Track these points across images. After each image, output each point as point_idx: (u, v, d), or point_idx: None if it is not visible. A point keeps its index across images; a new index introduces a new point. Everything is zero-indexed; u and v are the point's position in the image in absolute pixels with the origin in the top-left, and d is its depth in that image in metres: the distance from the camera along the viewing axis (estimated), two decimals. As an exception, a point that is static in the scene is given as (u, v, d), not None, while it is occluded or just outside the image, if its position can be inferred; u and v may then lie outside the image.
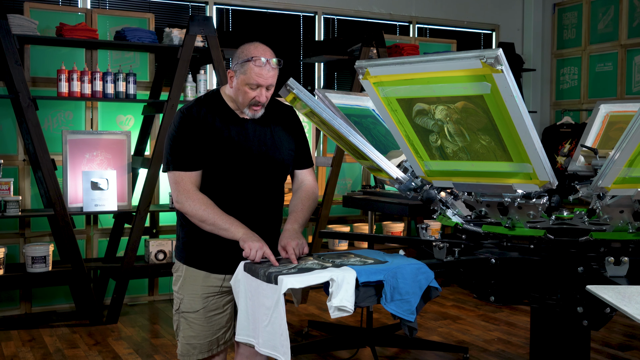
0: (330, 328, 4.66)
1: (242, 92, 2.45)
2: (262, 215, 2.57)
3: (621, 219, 2.36)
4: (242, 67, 2.43)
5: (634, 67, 6.58)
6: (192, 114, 2.48)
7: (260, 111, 2.51)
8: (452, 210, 2.67)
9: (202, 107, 2.51)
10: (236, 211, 2.49)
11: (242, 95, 2.46)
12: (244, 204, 2.52)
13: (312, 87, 6.38)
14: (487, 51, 1.97)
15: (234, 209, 2.49)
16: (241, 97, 2.47)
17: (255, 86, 2.43)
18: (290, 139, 2.63)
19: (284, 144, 2.60)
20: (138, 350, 4.30)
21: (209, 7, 5.89)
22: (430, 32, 6.94)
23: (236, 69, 2.45)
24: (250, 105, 2.47)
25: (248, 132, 2.52)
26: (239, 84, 2.45)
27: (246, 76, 2.42)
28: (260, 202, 2.56)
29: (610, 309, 2.21)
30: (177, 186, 2.47)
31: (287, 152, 2.61)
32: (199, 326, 2.54)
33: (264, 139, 2.55)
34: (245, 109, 2.49)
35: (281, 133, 2.60)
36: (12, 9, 4.96)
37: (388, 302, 2.19)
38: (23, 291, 5.13)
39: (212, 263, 2.53)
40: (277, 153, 2.57)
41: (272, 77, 2.45)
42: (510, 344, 4.46)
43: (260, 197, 2.56)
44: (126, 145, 5.14)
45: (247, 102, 2.46)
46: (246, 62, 2.42)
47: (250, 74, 2.41)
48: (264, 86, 2.44)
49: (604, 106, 3.34)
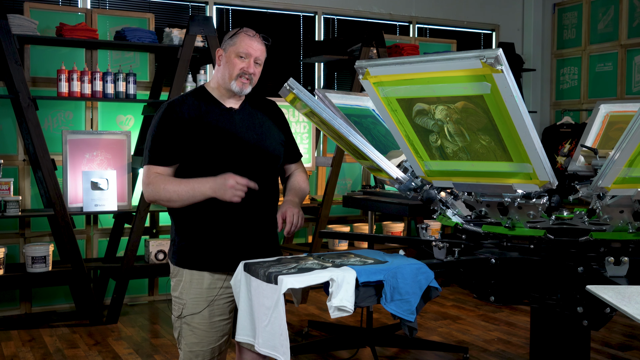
0: (330, 328, 4.66)
1: (231, 64, 2.49)
2: (257, 209, 2.54)
3: (621, 219, 2.35)
4: (231, 40, 2.51)
5: (634, 67, 6.58)
6: (175, 107, 2.49)
7: (247, 86, 2.52)
8: (452, 210, 2.67)
9: (187, 97, 2.54)
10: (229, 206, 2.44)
11: (230, 67, 2.49)
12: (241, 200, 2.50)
13: (312, 87, 6.38)
14: (487, 51, 1.97)
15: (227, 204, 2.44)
16: (229, 70, 2.49)
17: (245, 55, 2.48)
18: (278, 130, 2.64)
19: (272, 134, 2.61)
20: (138, 350, 4.30)
21: (209, 7, 5.89)
22: (430, 32, 6.94)
23: (225, 45, 2.52)
24: (239, 76, 2.49)
25: (235, 121, 2.53)
26: (227, 56, 2.50)
27: (236, 46, 2.48)
28: (254, 196, 2.50)
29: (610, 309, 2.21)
30: (143, 179, 2.49)
31: (277, 142, 2.61)
32: (203, 332, 2.50)
33: (252, 128, 2.55)
34: (233, 83, 2.49)
35: (268, 123, 2.62)
36: (12, 9, 4.96)
37: (388, 302, 2.19)
38: (23, 291, 5.13)
39: (213, 262, 2.51)
40: (267, 141, 2.57)
41: (261, 51, 2.52)
42: (510, 344, 4.46)
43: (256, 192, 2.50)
44: (126, 145, 5.14)
45: (236, 73, 2.48)
46: (235, 35, 2.50)
47: (240, 43, 2.48)
48: (252, 56, 2.48)
49: (604, 106, 3.34)
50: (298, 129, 5.69)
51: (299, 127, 5.69)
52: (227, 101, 2.56)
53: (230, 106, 2.55)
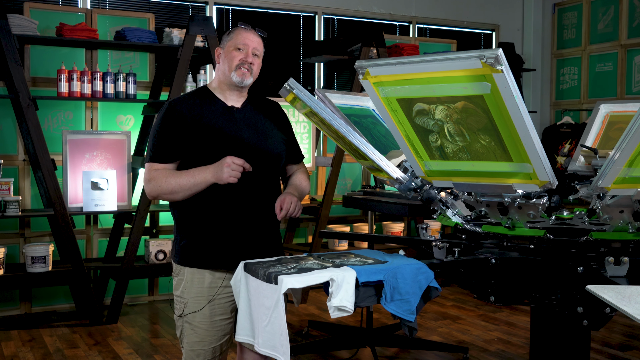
0: (330, 328, 4.66)
1: (229, 57, 2.54)
2: (258, 208, 2.55)
3: (621, 219, 2.35)
4: (228, 36, 2.58)
5: (634, 67, 6.58)
6: (176, 106, 2.52)
7: (248, 77, 2.55)
8: (452, 210, 2.67)
9: (189, 96, 2.58)
10: (231, 205, 2.48)
11: (229, 60, 2.54)
12: (238, 197, 2.50)
13: (312, 87, 6.38)
14: (487, 51, 1.97)
15: (229, 202, 2.48)
16: (228, 63, 2.54)
17: (242, 46, 2.53)
18: (280, 131, 2.66)
19: (274, 133, 2.62)
20: (138, 350, 4.30)
21: (209, 7, 5.89)
22: (430, 32, 6.94)
23: (223, 43, 2.59)
24: (238, 67, 2.53)
25: (235, 119, 2.54)
26: (226, 51, 2.56)
27: (233, 40, 2.55)
28: (255, 195, 2.54)
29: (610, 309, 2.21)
30: (145, 176, 2.51)
31: (278, 141, 2.62)
32: (204, 331, 2.52)
33: (253, 126, 2.57)
34: (233, 74, 2.53)
35: (270, 123, 2.63)
36: (12, 9, 4.96)
37: (388, 302, 2.19)
38: (23, 291, 5.13)
39: (214, 260, 2.52)
40: (267, 141, 2.58)
41: (258, 42, 2.58)
42: (510, 344, 4.46)
43: (255, 189, 2.54)
44: (126, 145, 5.14)
45: (235, 64, 2.53)
46: (232, 31, 2.58)
47: (236, 37, 2.55)
48: (250, 47, 2.54)
49: (604, 106, 3.34)
50: (298, 129, 5.69)
51: (299, 127, 5.69)
52: (229, 99, 2.58)
53: (232, 104, 2.56)
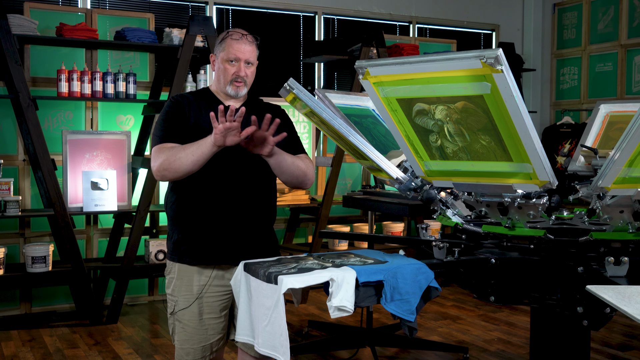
0: (330, 328, 4.66)
1: (222, 70, 2.54)
2: (251, 206, 2.56)
3: (621, 219, 2.35)
4: (220, 46, 2.55)
5: (634, 67, 6.58)
6: (179, 100, 2.56)
7: (243, 89, 2.56)
8: (452, 210, 2.67)
9: (189, 95, 2.61)
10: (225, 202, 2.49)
11: (223, 74, 2.54)
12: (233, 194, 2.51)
13: (312, 87, 6.38)
14: (487, 51, 1.97)
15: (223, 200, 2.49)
16: (222, 76, 2.55)
17: (234, 59, 2.52)
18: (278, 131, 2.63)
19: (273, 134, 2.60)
20: (138, 350, 4.30)
21: (209, 7, 5.89)
22: (430, 32, 6.94)
23: (216, 51, 2.57)
24: (232, 81, 2.54)
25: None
26: (219, 63, 2.56)
27: (224, 52, 2.53)
28: (250, 193, 2.55)
29: (610, 309, 2.21)
30: (152, 158, 2.49)
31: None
32: (192, 329, 2.53)
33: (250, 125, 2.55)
34: (228, 87, 2.54)
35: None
36: (12, 9, 4.96)
37: (388, 302, 2.19)
38: (23, 291, 5.12)
39: (203, 256, 2.53)
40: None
41: (250, 52, 2.54)
42: (510, 344, 4.46)
43: (249, 187, 2.55)
44: (126, 145, 5.14)
45: (229, 79, 2.53)
46: (223, 40, 2.55)
47: (228, 49, 2.52)
48: (242, 60, 2.52)
49: (604, 106, 3.34)
50: (298, 129, 5.68)
51: (299, 127, 5.69)
52: (228, 101, 2.60)
53: (229, 104, 2.56)
